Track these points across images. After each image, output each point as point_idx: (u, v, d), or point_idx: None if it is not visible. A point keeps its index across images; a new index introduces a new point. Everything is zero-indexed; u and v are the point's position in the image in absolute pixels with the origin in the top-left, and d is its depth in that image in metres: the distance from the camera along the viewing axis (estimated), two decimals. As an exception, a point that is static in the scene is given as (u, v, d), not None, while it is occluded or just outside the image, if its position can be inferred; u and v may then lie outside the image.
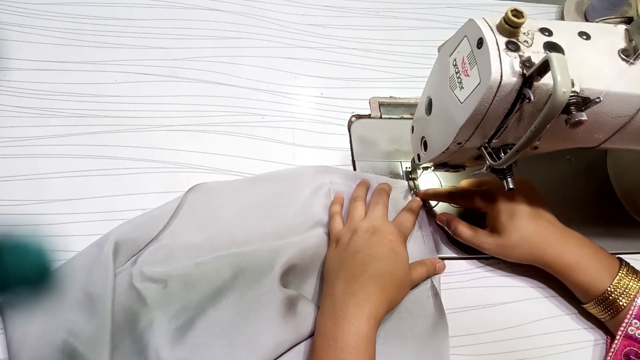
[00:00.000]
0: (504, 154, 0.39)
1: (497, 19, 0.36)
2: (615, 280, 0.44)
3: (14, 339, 0.40)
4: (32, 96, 0.54)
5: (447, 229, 0.51)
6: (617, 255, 0.47)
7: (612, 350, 0.44)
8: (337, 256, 0.45)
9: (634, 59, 0.37)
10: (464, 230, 0.49)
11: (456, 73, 0.38)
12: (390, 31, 0.68)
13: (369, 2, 0.71)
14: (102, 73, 0.57)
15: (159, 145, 0.53)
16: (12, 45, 0.57)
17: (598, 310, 0.45)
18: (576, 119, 0.33)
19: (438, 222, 0.52)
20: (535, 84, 0.34)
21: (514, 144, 0.37)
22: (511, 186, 0.41)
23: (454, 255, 0.51)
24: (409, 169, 0.55)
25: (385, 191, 0.51)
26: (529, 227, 0.46)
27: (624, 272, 0.44)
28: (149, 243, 0.46)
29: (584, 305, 0.47)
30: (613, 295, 0.43)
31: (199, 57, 0.61)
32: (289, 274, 0.46)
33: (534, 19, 0.37)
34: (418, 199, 0.52)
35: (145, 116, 0.55)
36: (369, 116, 0.60)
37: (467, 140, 0.40)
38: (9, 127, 0.52)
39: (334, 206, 0.50)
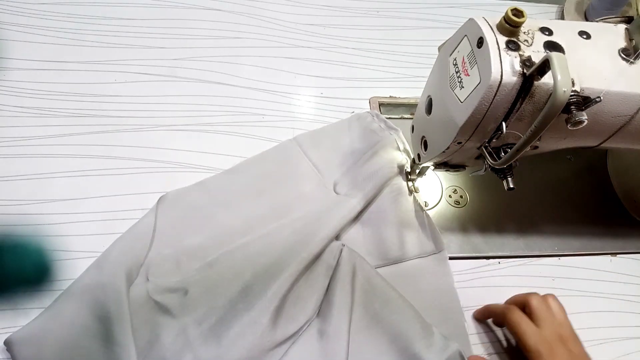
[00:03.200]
0: (504, 154, 0.39)
1: (497, 18, 0.36)
2: None
3: None
4: (32, 96, 0.54)
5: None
6: None
7: None
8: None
9: (634, 59, 0.37)
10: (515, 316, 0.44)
11: (456, 72, 0.38)
12: (390, 31, 0.68)
13: (369, 2, 0.71)
14: (101, 73, 0.57)
15: (159, 145, 0.53)
16: (12, 45, 0.57)
17: None
18: (576, 119, 0.33)
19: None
20: (536, 83, 0.34)
21: (514, 144, 0.36)
22: (511, 186, 0.41)
23: (454, 255, 0.51)
24: (409, 169, 0.55)
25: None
26: None
27: None
28: (145, 258, 0.46)
29: None
30: None
31: (199, 57, 0.61)
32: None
33: (534, 19, 0.37)
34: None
35: (145, 116, 0.55)
36: (369, 116, 0.60)
37: (468, 139, 0.40)
38: (9, 127, 0.52)
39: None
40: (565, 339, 0.42)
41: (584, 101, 0.34)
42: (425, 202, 0.54)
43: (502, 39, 0.35)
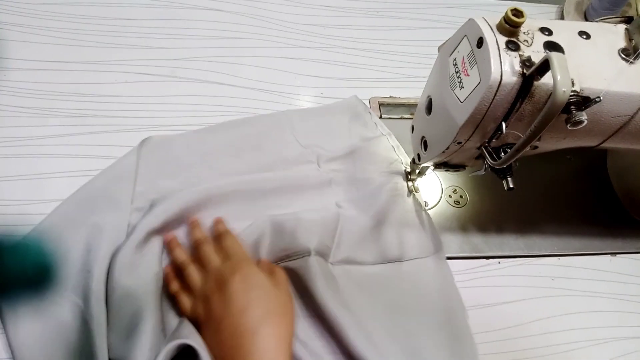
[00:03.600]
0: (504, 154, 0.39)
1: (497, 18, 0.36)
2: None
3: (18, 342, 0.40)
4: (31, 96, 0.54)
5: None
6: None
7: None
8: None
9: (634, 59, 0.37)
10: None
11: (456, 73, 0.38)
12: (390, 31, 0.68)
13: (369, 2, 0.71)
14: (101, 73, 0.57)
15: (159, 145, 0.53)
16: (12, 45, 0.57)
17: None
18: (576, 119, 0.33)
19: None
20: (536, 83, 0.34)
21: (514, 144, 0.36)
22: (511, 186, 0.41)
23: (454, 255, 0.51)
24: (408, 169, 0.55)
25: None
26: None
27: None
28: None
29: None
30: None
31: (199, 57, 0.61)
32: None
33: (534, 19, 0.37)
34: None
35: (145, 116, 0.55)
36: (369, 116, 0.60)
37: (467, 139, 0.40)
38: (9, 127, 0.52)
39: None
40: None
41: (583, 101, 0.34)
42: (425, 202, 0.54)
43: (502, 39, 0.35)
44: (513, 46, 0.35)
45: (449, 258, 0.50)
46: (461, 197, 0.55)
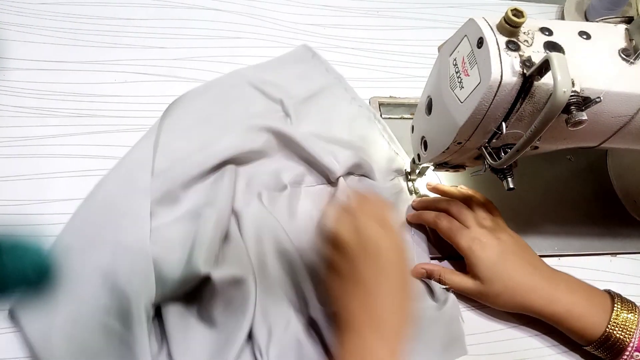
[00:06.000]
0: (504, 154, 0.39)
1: (497, 18, 0.36)
2: (613, 318, 0.42)
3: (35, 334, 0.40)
4: (31, 96, 0.54)
5: (431, 279, 0.47)
6: (605, 290, 0.45)
7: None
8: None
9: (634, 59, 0.37)
10: (449, 278, 0.46)
11: (456, 73, 0.38)
12: (390, 31, 0.68)
13: (369, 2, 0.71)
14: (101, 73, 0.57)
15: (158, 145, 0.53)
16: (12, 45, 0.57)
17: (600, 352, 0.43)
18: (576, 119, 0.33)
19: (416, 276, 0.48)
20: (536, 83, 0.34)
21: (514, 144, 0.36)
22: (511, 186, 0.41)
23: (454, 255, 0.51)
24: (408, 169, 0.55)
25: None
26: (512, 275, 0.43)
27: (618, 307, 0.42)
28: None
29: (585, 348, 0.44)
30: (614, 334, 0.41)
31: (199, 57, 0.61)
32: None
33: (534, 19, 0.37)
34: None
35: (145, 116, 0.55)
36: (369, 116, 0.60)
37: (467, 140, 0.40)
38: (9, 127, 0.52)
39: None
40: (492, 229, 0.46)
41: (583, 101, 0.34)
42: (425, 202, 0.54)
43: (502, 39, 0.35)
44: (513, 46, 0.35)
45: (449, 258, 0.50)
46: (461, 197, 0.55)
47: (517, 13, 0.35)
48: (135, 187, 0.46)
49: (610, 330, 0.42)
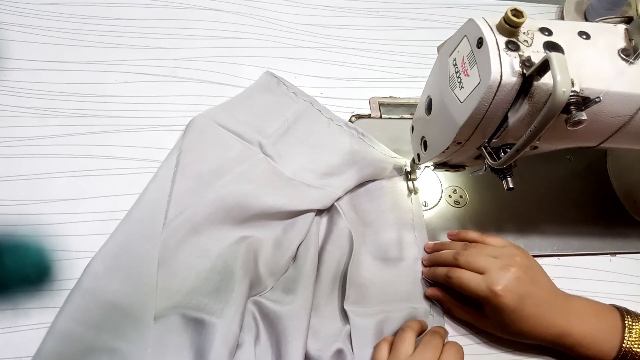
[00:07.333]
0: (504, 154, 0.39)
1: (497, 18, 0.36)
2: (626, 335, 0.42)
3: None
4: (31, 96, 0.54)
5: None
6: (611, 304, 0.45)
7: None
8: None
9: (634, 59, 0.37)
10: (460, 313, 0.47)
11: (456, 73, 0.38)
12: (390, 31, 0.68)
13: (369, 2, 0.71)
14: (101, 73, 0.57)
15: (159, 145, 0.53)
16: (12, 45, 0.57)
17: None
18: (576, 119, 0.33)
19: (429, 296, 0.48)
20: (535, 83, 0.34)
21: (514, 144, 0.36)
22: (511, 186, 0.41)
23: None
24: (408, 169, 0.55)
25: (440, 334, 0.43)
26: (528, 321, 0.43)
27: (629, 323, 0.43)
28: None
29: None
30: (632, 350, 0.42)
31: (199, 57, 0.61)
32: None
33: (533, 19, 0.37)
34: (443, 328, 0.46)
35: (145, 116, 0.55)
36: (369, 116, 0.60)
37: (467, 140, 0.40)
38: (9, 127, 0.52)
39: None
40: (505, 267, 0.43)
41: (583, 101, 0.34)
42: (425, 202, 0.54)
43: (502, 39, 0.35)
44: (513, 46, 0.35)
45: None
46: (461, 197, 0.55)
47: (517, 13, 0.35)
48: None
49: (629, 347, 0.41)
